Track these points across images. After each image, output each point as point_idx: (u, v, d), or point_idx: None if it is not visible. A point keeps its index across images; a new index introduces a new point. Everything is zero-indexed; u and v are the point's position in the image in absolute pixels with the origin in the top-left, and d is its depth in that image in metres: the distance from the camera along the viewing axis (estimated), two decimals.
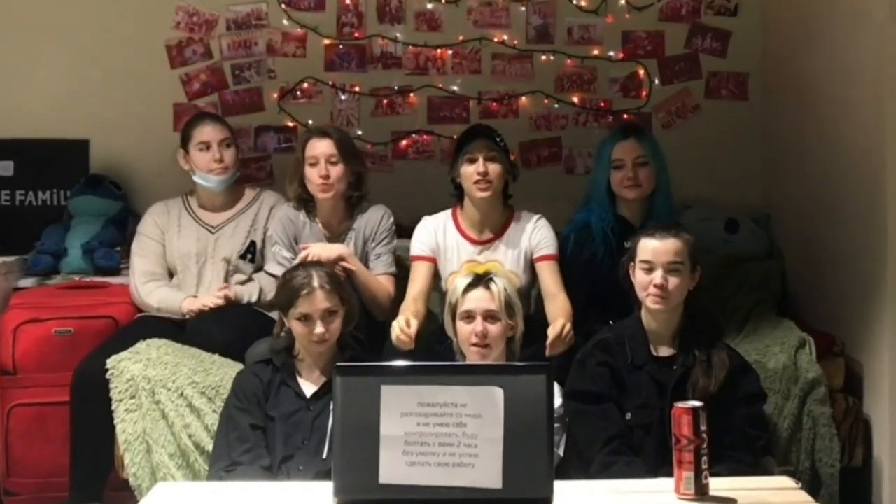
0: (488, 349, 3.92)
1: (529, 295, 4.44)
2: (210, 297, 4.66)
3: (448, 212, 4.57)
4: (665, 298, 3.76)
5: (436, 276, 4.50)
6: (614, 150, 4.54)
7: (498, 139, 4.46)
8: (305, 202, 4.68)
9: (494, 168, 4.38)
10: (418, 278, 4.45)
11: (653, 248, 3.80)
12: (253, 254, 4.85)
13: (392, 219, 4.71)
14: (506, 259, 4.43)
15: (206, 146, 4.83)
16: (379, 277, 4.57)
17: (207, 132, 4.85)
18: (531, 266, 4.44)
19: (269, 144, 5.65)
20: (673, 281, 3.76)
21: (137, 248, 4.90)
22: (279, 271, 4.53)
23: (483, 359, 3.90)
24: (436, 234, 4.50)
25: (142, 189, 5.45)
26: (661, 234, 3.82)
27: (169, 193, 5.02)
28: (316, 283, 3.91)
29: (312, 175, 4.58)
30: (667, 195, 4.58)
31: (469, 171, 4.39)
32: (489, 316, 3.94)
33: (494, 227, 4.49)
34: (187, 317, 4.64)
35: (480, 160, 4.37)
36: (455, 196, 4.56)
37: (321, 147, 4.59)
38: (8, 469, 4.61)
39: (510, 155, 4.55)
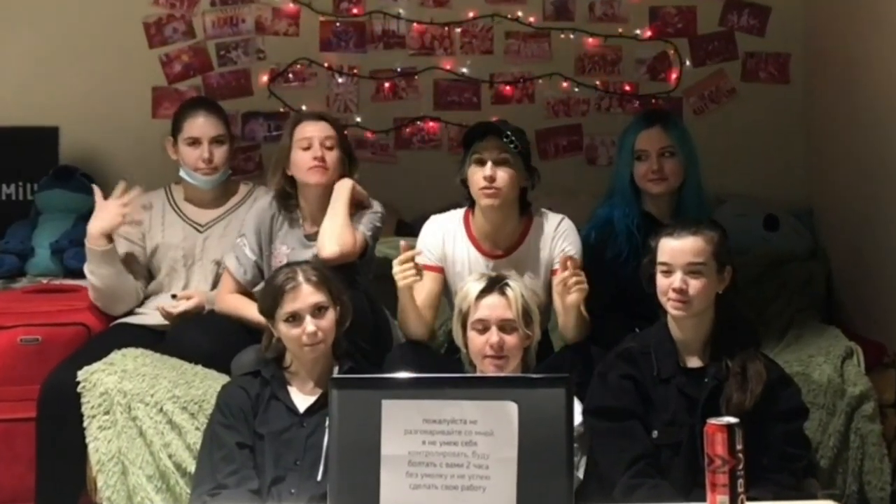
0: (504, 361, 3.93)
1: (549, 310, 4.37)
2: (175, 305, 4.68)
3: (461, 213, 4.44)
4: (686, 304, 3.75)
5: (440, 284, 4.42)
6: (637, 139, 4.55)
7: (509, 141, 4.24)
8: (287, 198, 4.61)
9: (504, 174, 4.22)
10: (423, 290, 4.32)
11: (670, 248, 3.79)
12: None
13: (381, 210, 4.58)
14: (522, 276, 4.26)
15: (196, 142, 4.81)
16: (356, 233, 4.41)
17: (199, 127, 4.82)
18: (551, 282, 4.32)
19: (258, 132, 5.67)
20: (694, 284, 3.74)
21: None
22: (233, 265, 4.59)
23: (498, 371, 3.90)
24: (444, 240, 4.38)
25: (117, 182, 5.45)
26: (679, 232, 3.80)
27: (148, 187, 4.97)
28: (301, 278, 3.91)
29: (303, 159, 4.48)
30: (697, 189, 4.58)
31: (476, 175, 4.26)
32: (505, 325, 3.94)
33: (508, 239, 4.36)
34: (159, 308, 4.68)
35: (489, 163, 4.23)
36: (466, 200, 4.43)
37: (315, 129, 4.52)
38: None
39: (530, 157, 4.37)
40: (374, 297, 4.40)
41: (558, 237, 4.36)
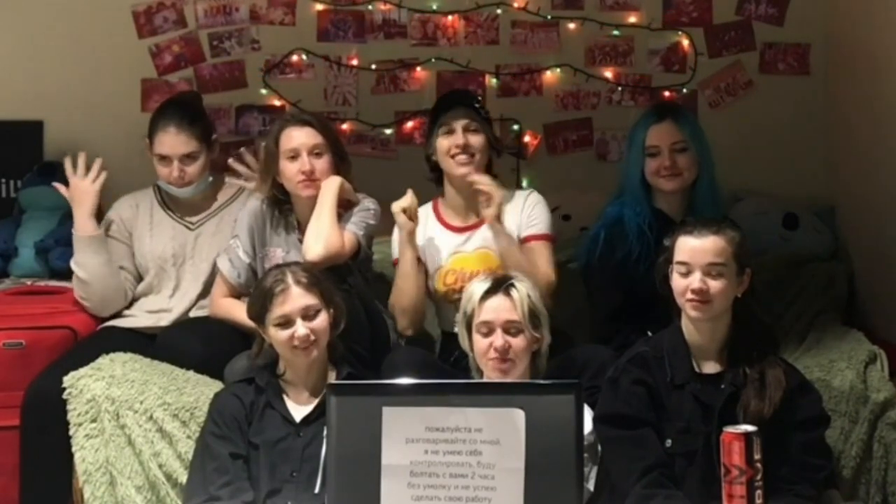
0: (510, 365, 3.92)
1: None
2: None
3: (429, 203, 4.62)
4: (706, 304, 3.74)
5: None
6: (648, 134, 4.56)
7: (478, 106, 4.60)
8: (280, 203, 4.60)
9: (476, 139, 4.48)
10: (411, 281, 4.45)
11: (690, 247, 3.79)
12: None
13: (373, 206, 4.56)
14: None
15: (165, 159, 4.75)
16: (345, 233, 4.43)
17: (168, 144, 4.73)
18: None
19: (253, 126, 5.66)
20: (714, 285, 3.74)
21: None
22: (226, 268, 4.59)
23: (504, 376, 3.90)
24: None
25: (104, 179, 5.46)
26: (699, 230, 3.80)
27: (136, 184, 4.99)
28: (290, 280, 3.93)
29: (291, 171, 4.46)
30: (711, 185, 4.59)
31: (446, 145, 4.49)
32: (511, 327, 3.94)
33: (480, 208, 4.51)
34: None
35: (459, 131, 4.46)
36: (432, 180, 4.62)
37: (302, 137, 4.48)
38: None
39: (492, 126, 4.65)
40: (369, 300, 4.40)
41: (528, 207, 4.53)
